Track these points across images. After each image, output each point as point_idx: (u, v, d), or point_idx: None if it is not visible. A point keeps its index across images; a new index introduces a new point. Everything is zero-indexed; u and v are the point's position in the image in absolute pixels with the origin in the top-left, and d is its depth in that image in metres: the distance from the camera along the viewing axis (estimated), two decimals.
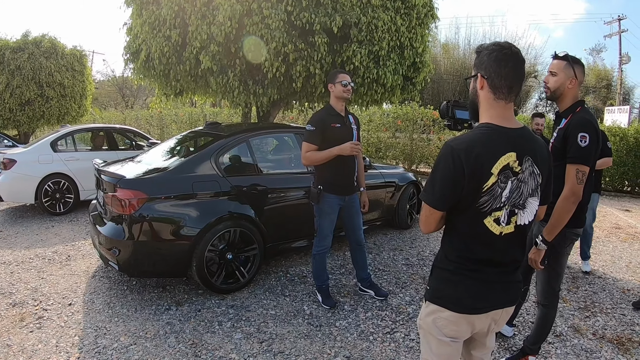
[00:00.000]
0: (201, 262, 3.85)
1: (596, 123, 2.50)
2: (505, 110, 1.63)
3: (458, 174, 1.55)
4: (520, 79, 1.62)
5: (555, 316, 2.92)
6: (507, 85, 1.60)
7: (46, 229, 6.40)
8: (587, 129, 2.43)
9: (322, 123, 3.60)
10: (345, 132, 3.69)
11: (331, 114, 3.68)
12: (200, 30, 5.67)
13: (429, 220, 1.70)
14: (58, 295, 4.05)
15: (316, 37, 5.64)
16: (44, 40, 13.15)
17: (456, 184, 1.56)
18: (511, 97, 1.63)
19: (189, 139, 5.18)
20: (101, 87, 32.89)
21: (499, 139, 1.59)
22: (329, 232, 3.79)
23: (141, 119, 19.15)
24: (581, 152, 2.42)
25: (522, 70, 1.62)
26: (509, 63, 1.59)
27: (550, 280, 2.81)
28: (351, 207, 3.87)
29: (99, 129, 8.71)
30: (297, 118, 13.18)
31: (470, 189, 1.56)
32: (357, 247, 4.01)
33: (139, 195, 3.73)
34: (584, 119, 2.48)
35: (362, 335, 3.42)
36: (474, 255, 1.66)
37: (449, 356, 1.75)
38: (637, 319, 3.86)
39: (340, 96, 3.67)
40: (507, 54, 1.59)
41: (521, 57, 1.62)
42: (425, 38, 6.87)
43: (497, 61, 1.60)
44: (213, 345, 3.23)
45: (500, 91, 1.62)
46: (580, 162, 2.42)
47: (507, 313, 1.78)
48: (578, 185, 2.41)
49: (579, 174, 2.41)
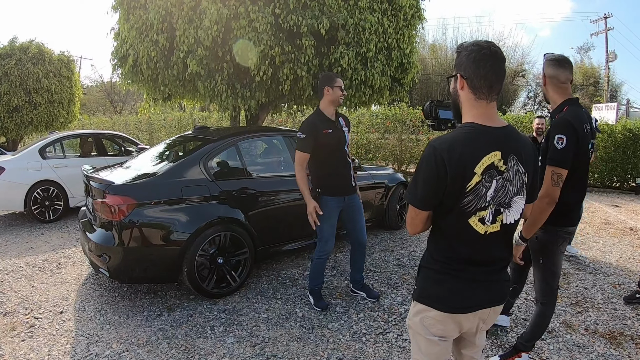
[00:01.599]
0: (192, 267, 3.84)
1: (578, 123, 2.45)
2: (488, 109, 1.63)
3: (441, 174, 1.55)
4: (499, 78, 1.61)
5: (552, 314, 2.91)
6: (487, 86, 1.60)
7: (36, 237, 6.35)
8: (565, 130, 2.41)
9: (313, 130, 3.57)
10: (337, 137, 3.68)
11: (322, 120, 3.65)
12: (187, 35, 5.66)
13: (415, 221, 1.71)
14: (49, 304, 4.02)
15: (303, 40, 5.65)
16: (32, 46, 13.06)
17: (439, 184, 1.57)
18: (492, 97, 1.62)
19: (177, 143, 5.16)
20: (89, 92, 32.70)
21: (482, 138, 1.59)
22: (330, 236, 3.77)
23: (130, 124, 19.04)
24: (557, 154, 2.41)
25: (502, 69, 1.62)
26: (487, 63, 1.58)
27: (546, 278, 2.81)
28: (352, 207, 3.84)
29: (88, 135, 8.64)
30: (286, 121, 13.17)
31: (453, 189, 1.57)
32: (359, 247, 3.97)
33: (128, 201, 3.72)
34: (563, 120, 2.46)
35: (355, 337, 3.43)
36: (459, 254, 1.67)
37: (438, 355, 1.76)
38: (629, 313, 3.90)
39: (336, 101, 3.67)
40: (486, 54, 1.58)
41: (500, 55, 1.61)
42: (412, 39, 6.90)
43: (476, 62, 1.60)
44: (206, 350, 3.22)
45: (480, 91, 1.61)
46: (555, 164, 2.42)
47: (495, 312, 1.78)
48: (553, 187, 2.41)
49: (554, 176, 2.41)
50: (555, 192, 2.41)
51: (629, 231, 7.02)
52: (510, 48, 26.97)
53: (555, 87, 2.59)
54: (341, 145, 3.72)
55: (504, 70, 1.63)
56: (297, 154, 3.63)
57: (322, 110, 3.70)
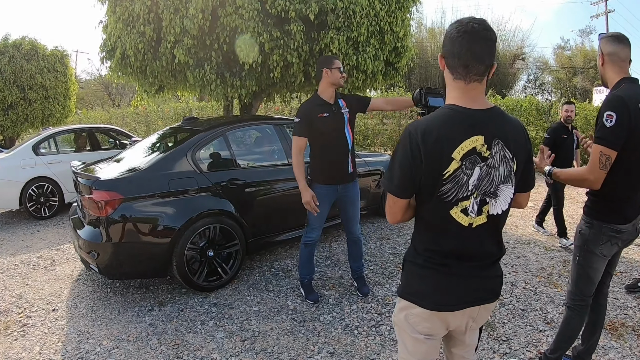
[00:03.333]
0: (182, 261, 3.79)
1: (633, 101, 2.14)
2: (468, 90, 1.49)
3: (416, 159, 1.45)
4: (478, 58, 1.44)
5: (580, 325, 2.59)
6: (462, 65, 1.46)
7: (31, 234, 6.32)
8: (615, 107, 2.13)
9: (308, 114, 3.47)
10: (335, 120, 3.52)
11: (318, 104, 3.52)
12: (173, 24, 5.54)
13: (393, 209, 1.61)
14: (42, 302, 4.00)
15: (292, 25, 5.52)
16: (24, 42, 12.95)
17: (415, 170, 1.46)
18: (470, 77, 1.47)
19: (167, 135, 5.09)
20: (87, 86, 32.59)
21: (462, 121, 1.46)
22: (317, 224, 3.68)
23: (127, 116, 18.96)
24: (605, 132, 2.13)
25: (481, 49, 1.44)
26: (463, 40, 1.44)
27: (578, 281, 2.49)
28: (345, 197, 3.69)
29: (81, 130, 8.59)
30: (282, 109, 13.04)
31: (429, 175, 1.46)
32: (351, 240, 3.86)
33: (114, 196, 3.66)
34: (614, 96, 2.18)
35: (347, 330, 3.36)
36: (442, 248, 1.56)
37: (425, 354, 1.66)
38: (630, 303, 3.77)
39: (335, 82, 3.51)
40: (461, 31, 1.44)
41: (481, 33, 1.44)
42: (406, 22, 6.73)
43: (451, 39, 1.47)
44: (195, 345, 3.17)
45: (455, 71, 1.49)
46: (603, 143, 2.13)
47: (486, 310, 1.66)
48: (600, 170, 2.15)
49: (602, 157, 2.13)
50: (601, 175, 2.16)
51: None
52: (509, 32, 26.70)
53: (613, 66, 2.30)
54: (340, 129, 3.55)
55: (487, 49, 1.46)
56: (293, 140, 3.54)
57: (320, 94, 3.56)
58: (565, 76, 30.46)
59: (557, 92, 31.32)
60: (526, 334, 3.29)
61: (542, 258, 4.88)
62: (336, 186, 3.62)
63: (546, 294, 3.94)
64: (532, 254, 5.00)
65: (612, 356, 2.99)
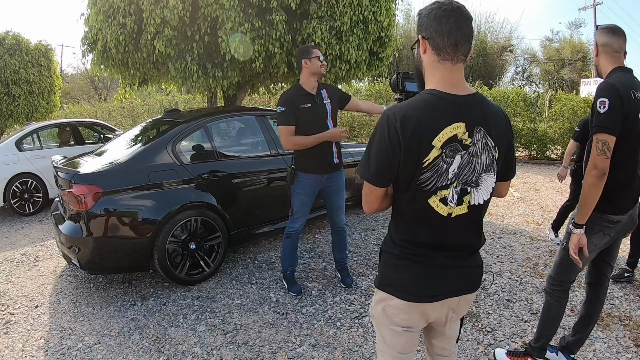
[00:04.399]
0: (163, 254, 3.76)
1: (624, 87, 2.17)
2: (453, 73, 1.45)
3: (394, 146, 1.38)
4: (466, 36, 1.42)
5: (559, 312, 2.60)
6: (452, 44, 1.41)
7: (16, 231, 6.26)
8: (606, 93, 2.16)
9: (291, 102, 3.42)
10: (317, 112, 3.49)
11: (300, 94, 3.47)
12: (154, 15, 5.46)
13: (369, 198, 1.56)
14: (25, 298, 3.95)
15: (274, 15, 5.45)
16: (8, 37, 12.71)
17: (392, 157, 1.40)
18: (458, 57, 1.43)
19: (148, 128, 5.02)
20: (73, 80, 32.16)
21: (443, 107, 1.41)
22: (300, 214, 3.65)
23: (113, 111, 18.71)
24: (600, 118, 2.16)
25: (468, 27, 1.42)
26: (450, 19, 1.40)
27: (559, 265, 2.52)
28: (330, 187, 3.66)
29: (65, 125, 8.47)
30: (268, 100, 12.95)
31: (407, 163, 1.40)
32: (335, 228, 3.83)
33: (93, 190, 3.62)
34: (605, 84, 2.21)
35: (330, 322, 3.35)
36: (420, 238, 1.51)
37: (403, 346, 1.62)
38: (616, 293, 3.77)
39: (316, 72, 3.46)
40: (447, 9, 1.40)
41: (465, 12, 1.42)
42: (390, 12, 6.67)
43: (437, 19, 1.42)
44: (177, 339, 3.15)
45: (444, 51, 1.43)
46: (599, 130, 2.15)
47: (465, 301, 1.63)
48: (599, 156, 2.14)
49: (599, 144, 2.14)
50: (603, 162, 2.14)
51: None
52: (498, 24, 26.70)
53: (607, 56, 2.34)
54: (322, 120, 3.52)
55: (471, 28, 1.43)
56: (280, 130, 3.47)
57: (302, 85, 3.51)
58: (553, 68, 30.62)
59: (545, 83, 31.49)
60: (511, 324, 3.29)
61: (528, 248, 4.89)
62: (321, 176, 3.58)
63: (532, 284, 3.94)
64: (518, 244, 5.01)
65: (599, 346, 2.99)
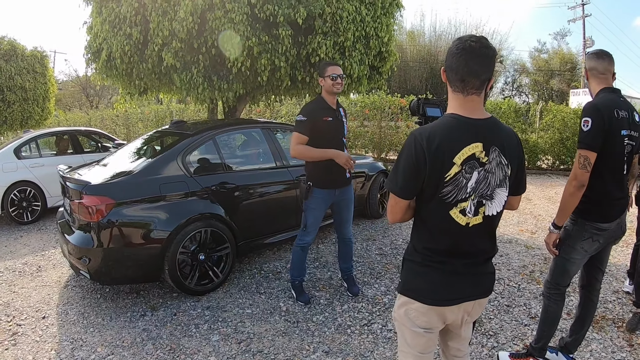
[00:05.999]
0: (173, 265, 3.80)
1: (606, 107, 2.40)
2: (466, 103, 1.63)
3: (420, 162, 1.57)
4: (473, 73, 1.57)
5: (557, 313, 2.77)
6: (459, 79, 1.60)
7: (15, 240, 6.21)
8: (589, 112, 2.38)
9: (313, 114, 3.53)
10: (337, 126, 3.63)
11: (323, 107, 3.61)
12: (161, 27, 5.53)
13: (394, 209, 1.72)
14: (31, 309, 3.93)
15: (280, 30, 5.57)
16: (3, 42, 12.61)
17: (418, 172, 1.58)
18: (468, 91, 1.60)
19: (154, 139, 5.07)
20: (64, 87, 31.90)
21: (463, 129, 1.60)
22: (313, 228, 3.75)
23: (106, 119, 18.65)
24: (582, 135, 2.38)
25: (477, 64, 1.57)
26: (460, 56, 1.57)
27: (555, 271, 2.71)
28: (341, 201, 3.80)
29: (63, 133, 8.45)
30: (264, 111, 13.06)
31: (431, 178, 1.58)
32: (343, 240, 3.94)
33: (105, 201, 3.64)
34: (589, 104, 2.45)
35: (340, 329, 3.44)
36: (440, 246, 1.68)
37: (424, 347, 1.78)
38: (610, 297, 3.94)
39: (329, 91, 3.59)
40: (460, 47, 1.58)
41: (480, 51, 1.56)
42: (390, 27, 6.84)
43: (451, 54, 1.61)
44: (191, 349, 3.19)
45: (454, 84, 1.63)
46: (582, 146, 2.38)
47: (479, 305, 1.79)
48: (580, 170, 2.37)
49: (581, 159, 2.37)
50: (582, 175, 2.37)
51: None
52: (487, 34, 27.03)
53: (595, 79, 2.58)
54: (339, 136, 3.67)
55: (485, 65, 1.58)
56: (293, 135, 3.56)
57: (324, 98, 3.65)
58: (542, 78, 31.09)
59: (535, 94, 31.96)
60: (512, 328, 3.44)
61: (524, 256, 5.03)
62: (334, 190, 3.70)
63: (529, 290, 4.09)
64: (514, 252, 5.15)
65: (595, 347, 3.16)
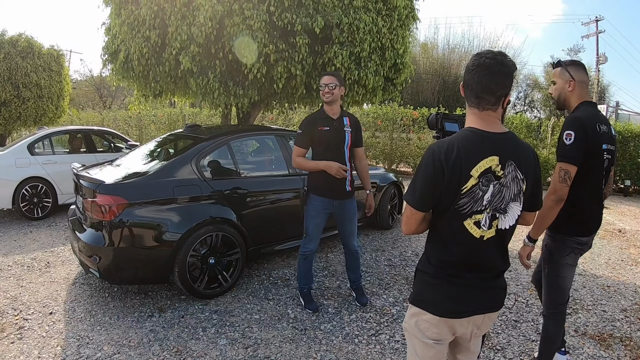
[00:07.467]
0: (183, 268, 3.81)
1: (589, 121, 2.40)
2: (483, 116, 1.65)
3: (438, 175, 1.58)
4: (487, 90, 1.60)
5: (558, 332, 2.77)
6: (474, 95, 1.64)
7: (24, 235, 6.25)
8: (573, 126, 2.37)
9: (309, 126, 3.61)
10: (334, 135, 3.62)
11: (320, 117, 3.65)
12: (180, 31, 5.60)
13: (410, 220, 1.73)
14: (38, 304, 3.95)
15: (297, 38, 5.61)
16: (21, 39, 12.77)
17: (436, 184, 1.60)
18: (483, 106, 1.64)
19: (169, 141, 5.11)
20: (78, 87, 32.23)
21: (480, 143, 1.61)
22: (314, 235, 3.75)
23: (119, 119, 18.84)
24: (564, 149, 2.38)
25: (491, 82, 1.59)
26: (475, 74, 1.61)
27: (550, 291, 2.70)
28: (341, 214, 3.77)
29: (77, 131, 8.54)
30: (276, 119, 13.13)
31: (449, 189, 1.60)
32: (349, 252, 3.94)
33: (119, 200, 3.67)
34: (572, 117, 2.43)
35: (347, 338, 3.43)
36: (454, 258, 1.68)
37: (433, 358, 1.77)
38: (618, 315, 3.93)
39: (323, 100, 3.64)
40: (476, 64, 1.61)
41: (495, 68, 1.58)
42: (406, 39, 6.89)
43: (468, 70, 1.65)
44: (198, 352, 3.19)
45: (469, 100, 1.66)
46: (562, 160, 2.38)
47: (489, 319, 1.79)
48: (560, 183, 2.36)
49: (561, 172, 2.36)
50: (562, 189, 2.37)
51: (618, 233, 7.08)
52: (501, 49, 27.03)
53: (581, 91, 2.56)
54: (338, 145, 3.65)
55: (499, 83, 1.60)
56: (294, 149, 3.68)
57: (324, 108, 3.69)
58: None
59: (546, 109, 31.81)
60: (519, 343, 3.43)
61: (532, 272, 4.96)
62: (332, 200, 3.69)
63: (537, 306, 4.05)
64: (522, 268, 5.09)
65: None
